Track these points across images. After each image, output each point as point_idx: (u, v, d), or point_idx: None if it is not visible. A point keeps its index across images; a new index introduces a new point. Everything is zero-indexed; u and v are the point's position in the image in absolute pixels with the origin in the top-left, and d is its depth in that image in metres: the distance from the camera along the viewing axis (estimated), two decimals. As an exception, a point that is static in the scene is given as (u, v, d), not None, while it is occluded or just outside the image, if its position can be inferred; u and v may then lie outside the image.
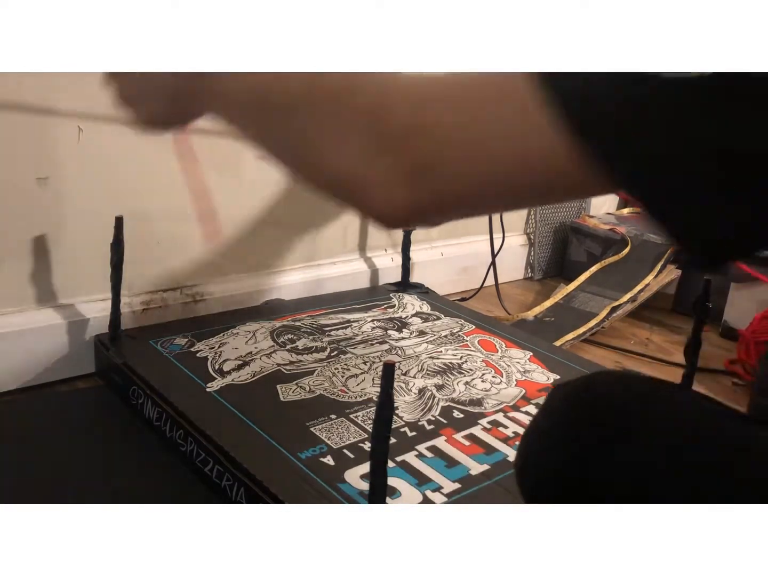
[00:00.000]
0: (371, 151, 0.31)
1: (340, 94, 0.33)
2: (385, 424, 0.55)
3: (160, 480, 0.73)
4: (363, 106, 0.32)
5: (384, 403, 0.54)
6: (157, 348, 0.89)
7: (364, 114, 0.32)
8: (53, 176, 0.86)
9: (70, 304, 0.92)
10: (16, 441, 0.77)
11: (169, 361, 0.86)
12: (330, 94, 0.33)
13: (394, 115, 0.31)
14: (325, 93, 0.33)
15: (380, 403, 0.54)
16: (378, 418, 0.55)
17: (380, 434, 0.55)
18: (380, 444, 0.56)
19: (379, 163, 0.31)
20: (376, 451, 0.56)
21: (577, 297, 1.37)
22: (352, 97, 0.32)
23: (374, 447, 0.56)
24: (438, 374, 0.90)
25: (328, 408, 0.79)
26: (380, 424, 0.55)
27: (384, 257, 1.29)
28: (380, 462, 0.56)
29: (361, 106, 0.32)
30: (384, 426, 0.55)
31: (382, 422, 0.55)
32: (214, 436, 0.71)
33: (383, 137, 0.31)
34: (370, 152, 0.31)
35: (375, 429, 0.56)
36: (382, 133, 0.31)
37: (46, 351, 0.89)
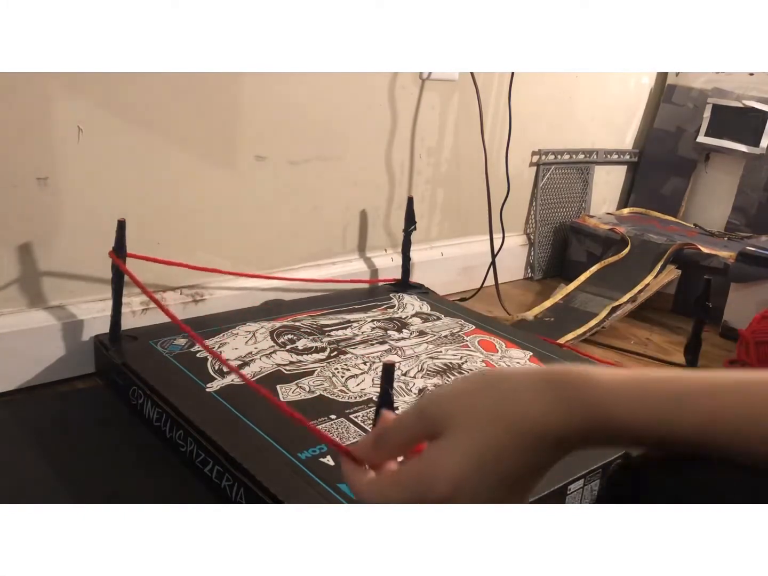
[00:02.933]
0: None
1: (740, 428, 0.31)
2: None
3: (160, 480, 0.73)
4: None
5: (384, 403, 0.54)
6: (157, 348, 0.89)
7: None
8: (53, 176, 0.86)
9: (69, 304, 0.92)
10: (16, 441, 0.77)
11: (169, 362, 0.86)
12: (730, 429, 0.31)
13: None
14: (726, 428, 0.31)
15: (380, 404, 0.54)
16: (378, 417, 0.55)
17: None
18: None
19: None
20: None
21: (577, 297, 1.37)
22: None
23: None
24: (438, 374, 0.90)
25: (328, 408, 0.79)
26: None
27: (384, 257, 1.29)
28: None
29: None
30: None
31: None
32: (214, 437, 0.71)
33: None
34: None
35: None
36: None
37: (45, 351, 0.89)
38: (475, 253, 1.41)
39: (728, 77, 1.67)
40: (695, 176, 1.75)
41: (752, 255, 1.27)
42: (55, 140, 0.85)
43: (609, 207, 1.82)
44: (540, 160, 1.55)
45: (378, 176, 1.24)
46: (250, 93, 1.02)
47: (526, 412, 0.32)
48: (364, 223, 1.24)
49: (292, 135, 1.09)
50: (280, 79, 1.04)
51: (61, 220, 0.89)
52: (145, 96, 0.91)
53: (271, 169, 1.08)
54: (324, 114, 1.12)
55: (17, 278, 0.87)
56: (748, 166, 1.66)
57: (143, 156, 0.93)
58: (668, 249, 1.42)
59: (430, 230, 1.38)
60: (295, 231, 1.15)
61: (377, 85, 1.18)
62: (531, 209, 1.58)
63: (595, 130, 1.67)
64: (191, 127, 0.97)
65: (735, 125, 1.65)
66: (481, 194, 1.35)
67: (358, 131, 1.18)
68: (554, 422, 0.32)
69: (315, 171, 1.14)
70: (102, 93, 0.88)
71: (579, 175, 1.66)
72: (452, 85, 1.29)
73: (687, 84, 1.74)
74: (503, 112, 1.38)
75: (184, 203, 1.00)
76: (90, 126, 0.87)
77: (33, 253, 0.87)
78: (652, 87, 1.78)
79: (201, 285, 1.04)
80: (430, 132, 1.30)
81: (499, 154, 1.40)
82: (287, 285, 1.13)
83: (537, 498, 0.66)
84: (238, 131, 1.02)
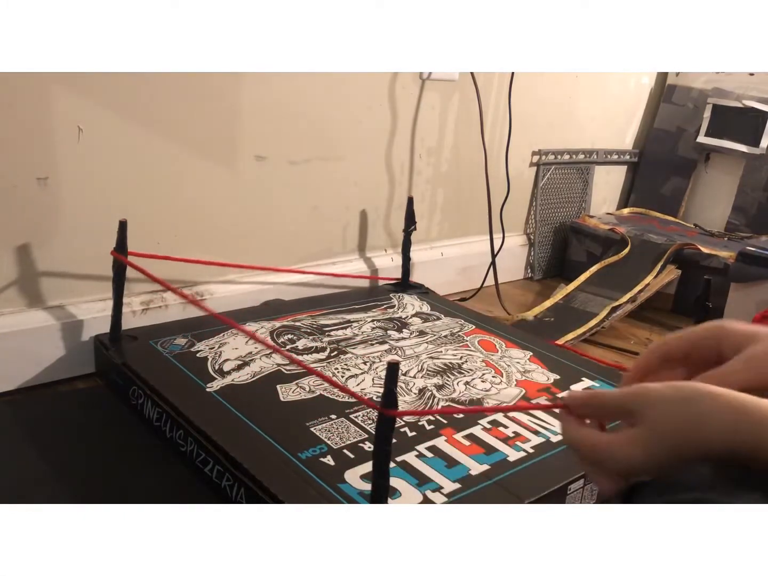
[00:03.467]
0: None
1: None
2: (389, 424, 0.55)
3: (160, 480, 0.73)
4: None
5: (388, 402, 0.54)
6: (157, 348, 0.89)
7: None
8: (53, 176, 0.86)
9: (69, 304, 0.92)
10: (16, 441, 0.77)
11: (169, 361, 0.86)
12: None
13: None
14: None
15: (384, 404, 0.54)
16: (381, 417, 0.55)
17: (384, 434, 0.55)
18: (383, 445, 0.56)
19: None
20: (379, 451, 0.56)
21: (577, 297, 1.37)
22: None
23: (377, 447, 0.56)
24: (438, 374, 0.90)
25: (328, 408, 0.79)
26: (384, 424, 0.55)
27: (384, 257, 1.29)
28: (383, 462, 0.56)
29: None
30: (388, 426, 0.55)
31: (386, 422, 0.55)
32: (214, 436, 0.71)
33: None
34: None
35: (378, 429, 0.56)
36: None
37: (45, 351, 0.89)
38: (475, 253, 1.41)
39: (728, 77, 1.67)
40: (695, 176, 1.75)
41: (752, 255, 1.27)
42: (55, 140, 0.85)
43: (609, 207, 1.82)
44: (540, 160, 1.55)
45: (378, 176, 1.24)
46: (250, 93, 1.02)
47: (710, 440, 0.37)
48: (364, 223, 1.24)
49: (292, 135, 1.09)
50: (280, 79, 1.04)
51: (61, 220, 0.89)
52: (145, 96, 0.91)
53: (271, 169, 1.08)
54: (324, 114, 1.12)
55: (17, 278, 0.87)
56: (748, 166, 1.66)
57: (143, 156, 0.93)
58: (668, 249, 1.42)
59: (430, 230, 1.38)
60: (295, 231, 1.15)
61: (377, 85, 1.18)
62: (531, 209, 1.58)
63: (595, 130, 1.67)
64: (191, 127, 0.97)
65: (735, 125, 1.65)
66: (481, 194, 1.35)
67: (358, 131, 1.18)
68: (728, 452, 0.37)
69: (315, 171, 1.14)
70: (102, 93, 0.88)
71: (579, 175, 1.66)
72: (452, 85, 1.29)
73: (687, 84, 1.74)
74: (503, 112, 1.38)
75: (184, 203, 1.00)
76: (90, 126, 0.87)
77: (33, 252, 0.87)
78: (652, 87, 1.78)
79: (201, 285, 1.04)
80: (430, 132, 1.30)
81: (499, 154, 1.40)
82: (287, 285, 1.13)
83: (537, 498, 0.66)
84: (238, 131, 1.02)
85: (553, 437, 0.77)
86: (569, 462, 0.72)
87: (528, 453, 0.73)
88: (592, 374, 0.94)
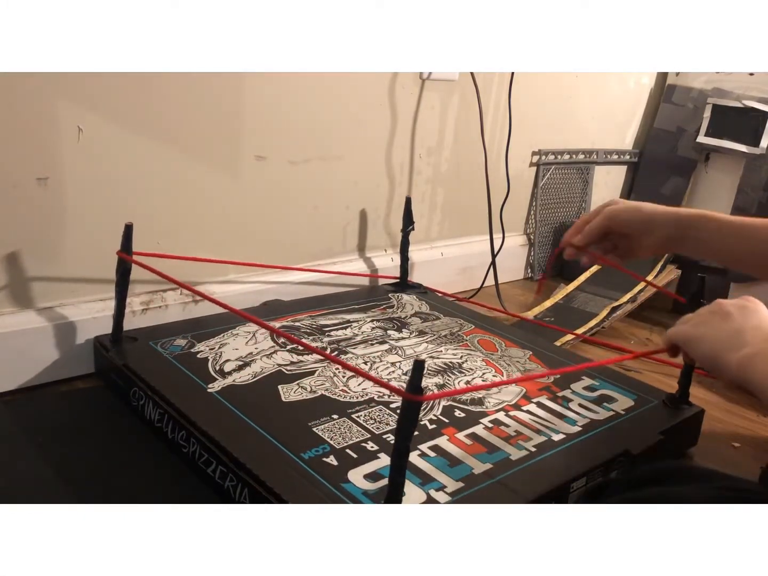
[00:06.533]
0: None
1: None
2: (412, 419, 0.54)
3: (163, 481, 0.73)
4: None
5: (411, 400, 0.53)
6: (158, 349, 0.89)
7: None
8: (53, 176, 0.86)
9: (69, 305, 0.92)
10: (16, 441, 0.77)
11: (169, 362, 0.86)
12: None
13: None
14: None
15: (407, 399, 0.53)
16: (404, 414, 0.54)
17: (406, 429, 0.55)
18: (404, 440, 0.55)
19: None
20: (399, 448, 0.56)
21: (577, 297, 1.38)
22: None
23: (398, 443, 0.56)
24: (438, 374, 0.90)
25: (330, 408, 0.79)
26: (406, 419, 0.55)
27: (384, 257, 1.29)
28: (402, 459, 0.56)
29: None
30: (410, 422, 0.54)
31: (409, 416, 0.54)
32: (218, 437, 0.70)
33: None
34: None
35: (400, 424, 0.55)
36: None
37: (45, 351, 0.89)
38: (475, 253, 1.41)
39: (728, 77, 1.67)
40: (695, 176, 1.75)
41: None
42: (55, 140, 0.85)
43: (608, 207, 1.82)
44: (540, 160, 1.55)
45: (378, 176, 1.24)
46: (251, 93, 1.02)
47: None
48: (364, 223, 1.24)
49: (292, 135, 1.09)
50: (281, 79, 1.04)
51: (61, 220, 0.88)
52: (145, 96, 0.91)
53: (271, 169, 1.08)
54: (324, 114, 1.12)
55: (17, 278, 0.87)
56: (748, 166, 1.66)
57: (143, 156, 0.93)
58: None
59: (430, 230, 1.38)
60: (295, 231, 1.14)
61: (377, 85, 1.18)
62: (531, 209, 1.58)
63: (595, 130, 1.67)
64: (191, 127, 0.97)
65: (735, 125, 1.65)
66: (481, 194, 1.35)
67: (358, 131, 1.18)
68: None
69: (315, 171, 1.14)
70: (102, 93, 0.88)
71: (579, 175, 1.66)
72: (452, 85, 1.29)
73: (687, 84, 1.74)
74: (503, 112, 1.38)
75: (184, 203, 1.00)
76: (90, 126, 0.87)
77: (33, 253, 0.87)
78: (652, 87, 1.78)
79: (201, 285, 1.04)
80: (430, 132, 1.30)
81: (499, 154, 1.40)
82: (287, 285, 1.13)
83: (538, 497, 0.66)
84: (238, 131, 1.02)
85: (555, 436, 0.77)
86: (571, 460, 0.72)
87: (530, 452, 0.73)
88: (592, 374, 0.94)
